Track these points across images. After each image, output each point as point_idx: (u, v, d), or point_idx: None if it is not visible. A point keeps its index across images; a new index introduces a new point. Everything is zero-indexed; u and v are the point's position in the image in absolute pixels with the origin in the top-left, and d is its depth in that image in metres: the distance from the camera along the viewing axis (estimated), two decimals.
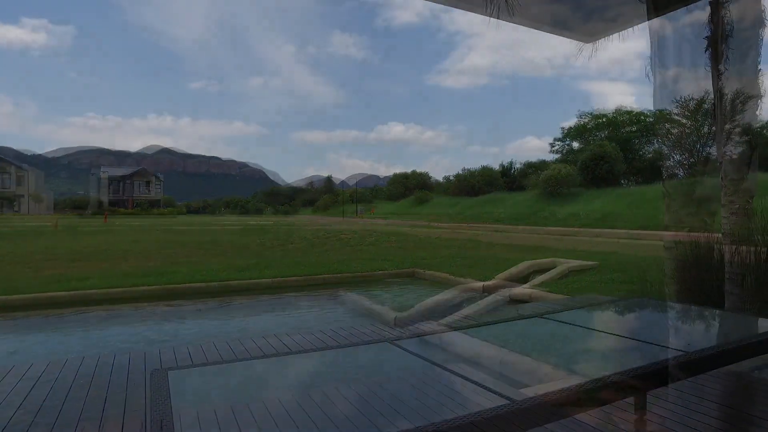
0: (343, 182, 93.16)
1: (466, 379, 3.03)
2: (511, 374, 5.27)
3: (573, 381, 3.22)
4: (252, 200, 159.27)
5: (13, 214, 51.27)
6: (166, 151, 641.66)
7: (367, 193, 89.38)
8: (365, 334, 6.28)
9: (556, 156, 51.41)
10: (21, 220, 39.75)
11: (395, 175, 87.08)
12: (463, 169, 64.58)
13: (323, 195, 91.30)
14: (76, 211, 65.43)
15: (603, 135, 45.44)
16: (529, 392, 3.08)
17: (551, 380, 4.33)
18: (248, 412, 2.19)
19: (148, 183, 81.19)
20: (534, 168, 49.86)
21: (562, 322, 4.03)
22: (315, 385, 2.85)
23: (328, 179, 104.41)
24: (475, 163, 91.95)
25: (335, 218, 54.08)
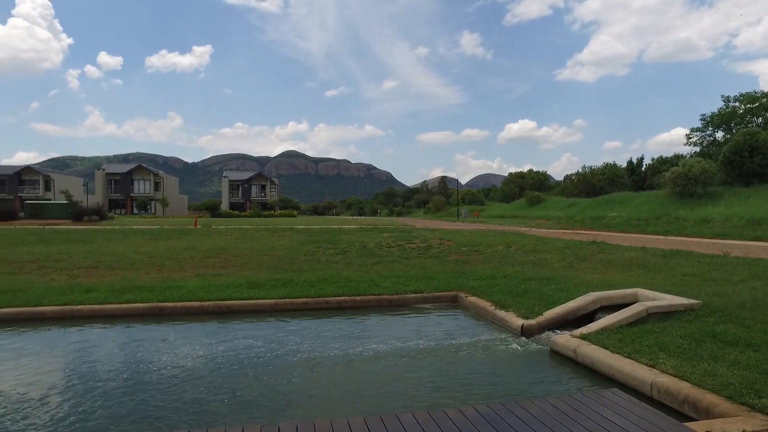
0: (457, 182, 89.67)
1: (620, 405, 3.20)
2: (668, 401, 4.44)
3: (757, 421, 3.22)
4: (373, 201, 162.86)
5: (140, 217, 56.49)
6: (300, 156, 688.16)
7: (480, 195, 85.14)
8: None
9: (695, 149, 43.61)
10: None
11: (510, 175, 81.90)
12: (584, 167, 58.32)
13: (434, 196, 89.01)
14: (205, 212, 71.04)
15: (759, 121, 37.10)
16: (699, 428, 3.16)
17: (723, 415, 3.72)
18: None
19: (263, 186, 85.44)
20: (668, 164, 42.90)
21: None
22: None
23: (442, 179, 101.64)
24: (611, 160, 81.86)
25: (438, 221, 51.58)
